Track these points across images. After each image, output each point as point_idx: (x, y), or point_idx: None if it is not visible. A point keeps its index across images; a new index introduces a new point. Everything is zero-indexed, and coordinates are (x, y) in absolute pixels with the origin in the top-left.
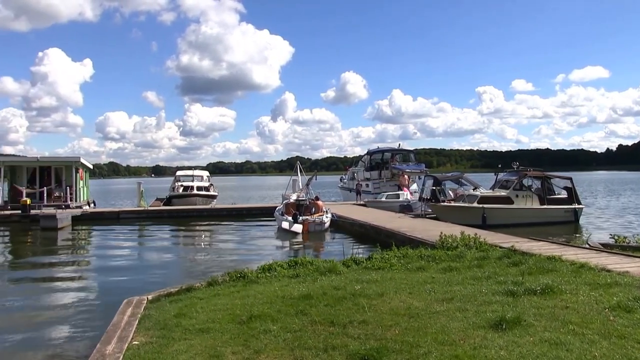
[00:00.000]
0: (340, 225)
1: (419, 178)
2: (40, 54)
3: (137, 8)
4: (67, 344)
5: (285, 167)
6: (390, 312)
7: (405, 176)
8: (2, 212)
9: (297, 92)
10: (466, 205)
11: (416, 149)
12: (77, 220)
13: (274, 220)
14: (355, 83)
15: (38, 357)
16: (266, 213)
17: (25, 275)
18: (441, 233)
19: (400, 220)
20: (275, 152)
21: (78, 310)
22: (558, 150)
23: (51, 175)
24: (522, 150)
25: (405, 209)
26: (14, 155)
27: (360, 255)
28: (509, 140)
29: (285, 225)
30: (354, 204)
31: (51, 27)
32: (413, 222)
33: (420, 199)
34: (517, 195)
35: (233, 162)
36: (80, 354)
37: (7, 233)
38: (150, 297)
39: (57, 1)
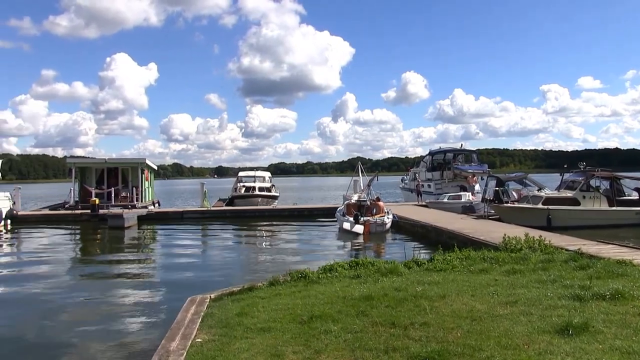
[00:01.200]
0: (401, 226)
1: (482, 179)
2: (108, 59)
3: (199, 12)
4: (133, 339)
5: (346, 167)
6: (452, 314)
7: (475, 177)
8: (74, 212)
9: (357, 92)
10: (530, 206)
11: (479, 149)
12: (142, 219)
13: (335, 220)
14: (416, 83)
15: (106, 350)
16: (327, 214)
17: (95, 271)
18: (504, 235)
19: (462, 221)
20: (336, 153)
21: (143, 306)
22: (628, 150)
23: (118, 176)
24: (589, 150)
25: (468, 210)
26: (83, 157)
27: (422, 257)
28: (575, 139)
29: (346, 225)
30: (415, 204)
31: (118, 33)
32: (475, 223)
33: (483, 200)
34: (584, 197)
35: (294, 162)
36: (145, 348)
37: (77, 231)
38: (213, 295)
39: (124, 8)
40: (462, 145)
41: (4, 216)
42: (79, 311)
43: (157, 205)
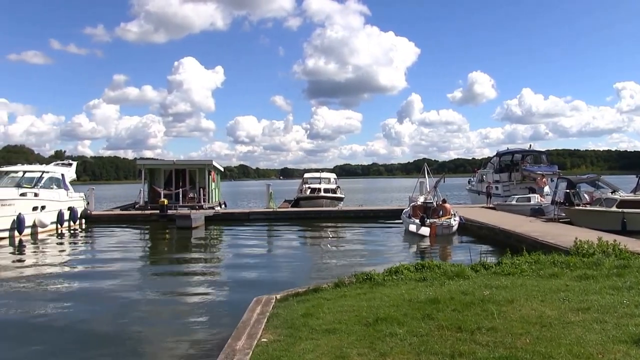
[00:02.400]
0: (468, 228)
1: (552, 180)
2: (176, 63)
3: (264, 15)
4: (200, 336)
5: (412, 169)
6: (521, 319)
7: (544, 179)
8: (143, 212)
9: (423, 93)
10: (603, 209)
11: (548, 150)
12: (209, 220)
13: (401, 222)
14: (482, 83)
15: (174, 346)
16: (393, 215)
17: (163, 270)
18: (576, 238)
19: (531, 224)
20: (401, 154)
21: (209, 305)
22: None
23: (186, 178)
24: None
25: (537, 212)
26: (152, 158)
27: (489, 260)
28: None
29: (412, 228)
30: (482, 206)
31: (186, 38)
32: (545, 226)
33: (553, 202)
34: None
35: (359, 164)
36: (211, 346)
37: (147, 231)
38: (278, 296)
39: (191, 13)
40: (530, 146)
41: (79, 215)
42: (148, 308)
43: (223, 206)
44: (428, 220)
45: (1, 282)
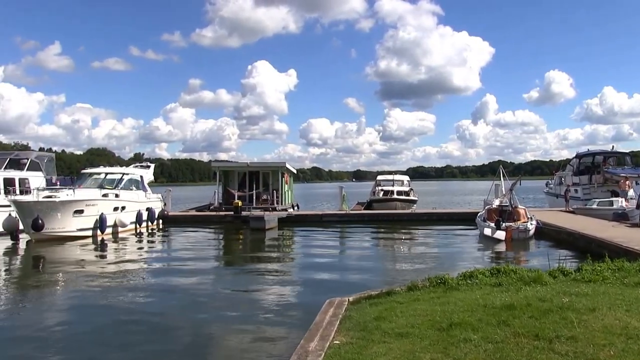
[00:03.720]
0: (545, 233)
1: (637, 183)
2: (249, 67)
3: (336, 17)
4: (272, 336)
5: (487, 171)
6: (603, 329)
7: (628, 182)
8: (218, 213)
9: (498, 93)
10: None
11: (632, 152)
12: (282, 222)
13: (476, 226)
14: (560, 82)
15: (246, 346)
16: (467, 219)
17: (238, 270)
18: None
19: (614, 229)
20: (476, 156)
21: (282, 305)
22: None
23: (259, 180)
24: None
25: (620, 217)
26: (227, 161)
27: (568, 266)
28: None
29: (487, 231)
30: (560, 210)
31: (259, 42)
32: (630, 231)
33: (638, 206)
34: None
35: (433, 166)
36: (283, 346)
37: (221, 232)
38: (351, 298)
39: (264, 17)
40: (613, 147)
41: (156, 216)
42: (221, 307)
43: (296, 208)
44: (504, 223)
45: (85, 276)
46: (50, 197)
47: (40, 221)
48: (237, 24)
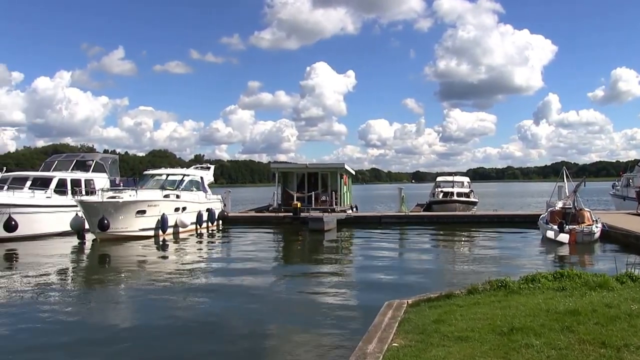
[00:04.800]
0: (611, 236)
1: None
2: (308, 68)
3: (394, 18)
4: (330, 338)
5: (550, 172)
6: None
7: None
8: (277, 214)
9: (561, 92)
10: None
11: None
12: (341, 223)
13: (538, 228)
14: (628, 80)
15: (304, 346)
16: (529, 221)
17: (296, 271)
18: None
19: None
20: (538, 157)
21: (340, 306)
22: None
23: (318, 181)
24: None
25: None
26: (286, 162)
27: (637, 272)
28: None
29: (550, 234)
30: (628, 213)
31: (317, 43)
32: None
33: None
34: None
35: (494, 167)
36: (341, 348)
37: (280, 233)
38: (410, 301)
39: (322, 19)
40: None
41: (216, 217)
42: (279, 307)
43: (355, 209)
44: (567, 226)
45: (148, 276)
46: (114, 197)
47: (105, 221)
48: (295, 25)
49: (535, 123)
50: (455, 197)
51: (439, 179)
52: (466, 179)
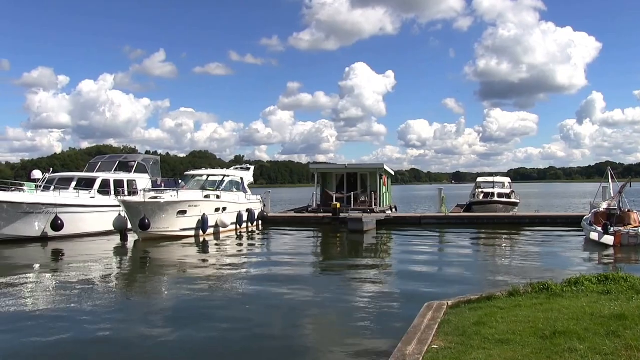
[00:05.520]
0: None
1: None
2: (347, 69)
3: (433, 17)
4: (369, 339)
5: (594, 173)
6: None
7: None
8: (316, 215)
9: (605, 91)
10: None
11: None
12: (381, 224)
13: (581, 230)
14: None
15: (343, 347)
16: (572, 222)
17: (336, 271)
18: None
19: None
20: (581, 157)
21: (379, 308)
22: None
23: (357, 181)
24: None
25: None
26: (325, 162)
27: None
28: None
29: (594, 236)
30: None
31: (355, 44)
32: None
33: None
34: None
35: (535, 168)
36: (380, 349)
37: (319, 233)
38: (450, 302)
39: (361, 19)
40: None
41: (256, 217)
42: (318, 308)
43: (394, 210)
44: (612, 228)
45: (188, 275)
46: (155, 198)
47: (146, 221)
48: (334, 26)
49: (578, 122)
50: (496, 198)
51: (479, 179)
52: (507, 180)
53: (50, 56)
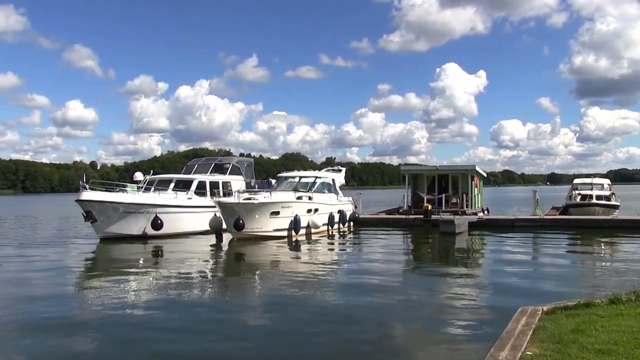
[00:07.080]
0: None
1: None
2: (437, 69)
3: (525, 14)
4: (460, 343)
5: None
6: None
7: None
8: (407, 216)
9: None
10: None
11: None
12: (472, 226)
13: None
14: None
15: (434, 350)
16: None
17: (426, 274)
18: None
19: None
20: None
21: (469, 311)
22: None
23: (448, 183)
24: None
25: None
26: (416, 164)
27: None
28: None
29: None
30: None
31: (446, 44)
32: None
33: None
34: None
35: (638, 169)
36: (472, 354)
37: (410, 235)
38: (545, 308)
39: (451, 19)
40: None
41: (347, 218)
42: (409, 310)
43: (486, 212)
44: None
45: (281, 274)
46: (249, 199)
47: (241, 221)
48: (424, 27)
49: None
50: (594, 200)
51: (576, 180)
52: (606, 181)
53: (151, 65)
